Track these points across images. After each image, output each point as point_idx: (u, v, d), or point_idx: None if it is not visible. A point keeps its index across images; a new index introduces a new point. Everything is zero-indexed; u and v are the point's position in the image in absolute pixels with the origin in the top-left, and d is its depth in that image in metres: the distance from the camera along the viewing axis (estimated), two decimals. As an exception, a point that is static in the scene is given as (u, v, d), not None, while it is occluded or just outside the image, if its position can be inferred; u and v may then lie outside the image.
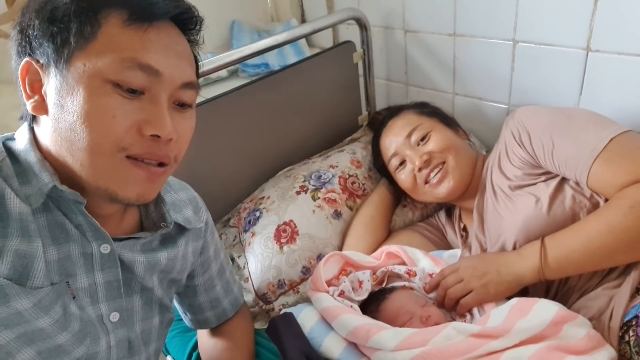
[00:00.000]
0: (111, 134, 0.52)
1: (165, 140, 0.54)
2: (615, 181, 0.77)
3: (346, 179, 1.19)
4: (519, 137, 0.90)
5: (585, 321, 0.75)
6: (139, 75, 0.52)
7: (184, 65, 0.57)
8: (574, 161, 0.81)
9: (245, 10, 1.70)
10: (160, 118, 0.54)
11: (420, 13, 1.37)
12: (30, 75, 0.54)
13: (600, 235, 0.75)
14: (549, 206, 0.83)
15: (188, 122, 0.60)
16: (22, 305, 0.51)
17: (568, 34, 1.10)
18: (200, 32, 0.61)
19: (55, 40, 0.52)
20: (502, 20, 1.19)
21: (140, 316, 0.66)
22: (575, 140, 0.82)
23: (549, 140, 0.85)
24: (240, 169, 1.24)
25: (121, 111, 0.52)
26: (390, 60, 1.52)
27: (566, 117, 0.86)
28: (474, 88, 1.36)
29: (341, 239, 1.11)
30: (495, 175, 0.95)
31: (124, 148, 0.53)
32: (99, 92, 0.51)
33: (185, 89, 0.57)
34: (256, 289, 1.04)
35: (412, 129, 1.04)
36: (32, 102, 0.54)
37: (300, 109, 1.32)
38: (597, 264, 0.79)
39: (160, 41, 0.54)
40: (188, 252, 0.73)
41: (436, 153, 1.01)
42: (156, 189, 0.58)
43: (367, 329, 0.78)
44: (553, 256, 0.79)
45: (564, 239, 0.79)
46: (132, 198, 0.55)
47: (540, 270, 0.80)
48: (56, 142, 0.54)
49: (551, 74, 1.17)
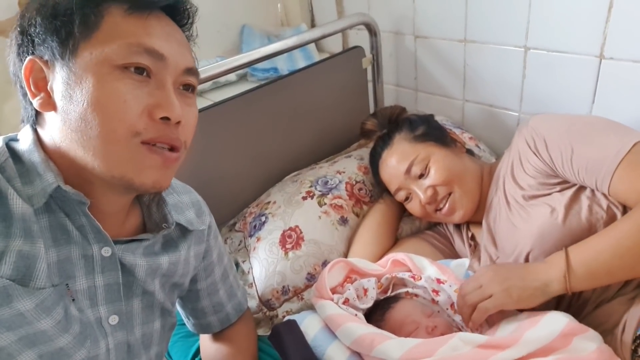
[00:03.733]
0: (125, 118, 0.52)
1: (174, 123, 0.55)
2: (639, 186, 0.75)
3: (353, 185, 1.18)
4: (534, 145, 0.88)
5: (596, 335, 0.73)
6: (146, 59, 0.54)
7: (185, 52, 0.59)
8: (596, 165, 0.78)
9: (255, 15, 1.71)
10: (169, 101, 0.54)
11: (430, 18, 1.36)
12: (35, 73, 0.54)
13: (631, 236, 0.71)
14: (564, 216, 0.81)
15: (192, 108, 0.61)
16: (24, 306, 0.51)
17: (581, 40, 1.08)
18: (193, 26, 0.62)
19: (60, 34, 0.53)
20: (514, 26, 1.18)
21: (141, 320, 0.65)
22: (597, 144, 0.80)
23: (568, 147, 0.82)
24: (247, 173, 1.24)
25: (132, 95, 0.53)
26: (400, 66, 1.52)
27: (585, 124, 0.84)
28: (484, 95, 1.34)
29: (347, 245, 1.10)
30: (509, 186, 0.93)
31: (138, 133, 0.53)
32: (109, 78, 0.52)
33: (188, 74, 0.58)
34: (260, 294, 1.03)
35: (409, 165, 1.02)
36: (38, 100, 0.54)
37: (308, 114, 1.31)
38: (629, 269, 0.73)
39: (162, 28, 0.56)
40: (190, 256, 0.72)
41: (440, 187, 0.99)
42: (170, 175, 0.58)
43: (371, 339, 0.77)
44: (580, 260, 0.74)
45: (590, 243, 0.75)
46: (149, 185, 0.55)
47: (567, 276, 0.73)
48: (66, 136, 0.54)
49: (563, 81, 1.15)
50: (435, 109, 1.35)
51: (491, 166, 1.05)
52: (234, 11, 1.65)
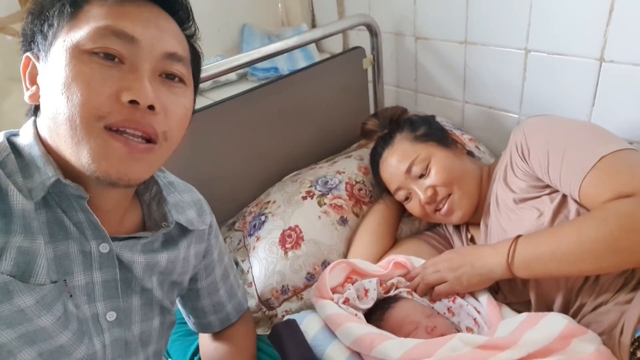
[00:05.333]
0: (87, 101, 0.50)
1: (144, 107, 0.52)
2: (600, 199, 0.77)
3: (353, 185, 1.18)
4: (521, 150, 0.90)
5: (595, 337, 0.73)
6: (114, 42, 0.52)
7: (167, 37, 0.56)
8: (566, 179, 0.81)
9: (256, 14, 1.71)
10: (138, 84, 0.51)
11: (431, 20, 1.36)
12: (30, 69, 0.56)
13: (570, 242, 0.75)
14: (551, 220, 0.82)
15: (179, 98, 0.57)
16: (24, 302, 0.50)
17: (581, 43, 1.08)
18: (193, 23, 0.61)
19: (43, 28, 0.54)
20: (515, 28, 1.18)
21: (139, 317, 0.65)
22: (568, 158, 0.82)
23: (545, 157, 0.84)
24: (246, 173, 1.23)
25: (97, 79, 0.51)
26: (400, 67, 1.52)
27: (565, 133, 0.86)
28: (484, 97, 1.35)
29: (347, 245, 1.10)
30: (500, 189, 0.94)
31: (102, 117, 0.50)
32: (75, 62, 0.51)
33: (170, 60, 0.55)
34: (259, 294, 1.03)
35: (410, 164, 1.02)
36: (29, 93, 0.56)
37: (308, 114, 1.31)
38: (564, 270, 0.78)
39: (139, 14, 0.54)
40: (190, 254, 0.72)
41: (440, 187, 1.00)
42: (142, 168, 0.54)
43: (371, 339, 0.77)
44: (522, 255, 0.80)
45: (536, 240, 0.80)
46: (113, 175, 0.52)
47: (508, 267, 0.81)
48: (49, 127, 0.54)
49: (563, 84, 1.16)
50: (435, 110, 1.35)
51: (490, 167, 1.06)
52: (235, 10, 1.65)
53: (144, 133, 0.53)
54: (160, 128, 0.54)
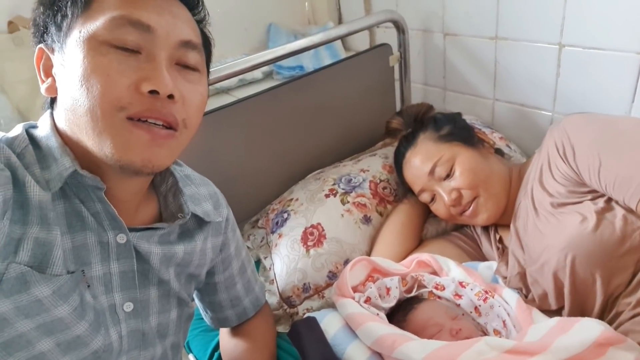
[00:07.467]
0: (107, 93, 0.50)
1: (164, 97, 0.52)
2: None
3: (377, 183, 1.16)
4: (562, 151, 0.84)
5: (634, 345, 0.69)
6: (131, 32, 0.52)
7: (181, 25, 0.56)
8: (625, 183, 0.74)
9: (282, 13, 1.71)
10: (157, 73, 0.52)
11: (461, 15, 1.33)
12: (44, 61, 0.56)
13: None
14: (596, 225, 0.76)
15: (195, 86, 0.58)
16: (42, 292, 0.51)
17: (620, 37, 1.03)
18: (200, 3, 0.61)
19: (56, 19, 0.54)
20: (548, 22, 1.14)
21: (157, 308, 0.65)
22: (627, 159, 0.75)
23: (596, 158, 0.78)
24: (270, 170, 1.23)
25: (116, 70, 0.51)
26: (428, 64, 1.49)
27: (617, 132, 0.79)
28: (516, 94, 1.30)
29: (370, 245, 1.08)
30: (537, 191, 0.89)
31: (123, 107, 0.51)
32: (93, 54, 0.51)
33: (185, 48, 0.56)
34: (281, 291, 1.02)
35: (434, 165, 0.99)
36: (45, 85, 0.56)
37: (333, 112, 1.30)
38: None
39: (153, 2, 0.54)
40: (207, 247, 0.71)
41: (465, 190, 0.96)
42: (165, 154, 0.55)
43: (393, 339, 0.74)
44: None
45: None
46: (138, 163, 0.52)
47: None
48: (67, 119, 0.54)
49: (600, 80, 1.10)
50: (464, 108, 1.31)
51: (520, 167, 1.01)
52: (261, 9, 1.65)
53: (165, 122, 0.54)
54: (180, 116, 0.55)
